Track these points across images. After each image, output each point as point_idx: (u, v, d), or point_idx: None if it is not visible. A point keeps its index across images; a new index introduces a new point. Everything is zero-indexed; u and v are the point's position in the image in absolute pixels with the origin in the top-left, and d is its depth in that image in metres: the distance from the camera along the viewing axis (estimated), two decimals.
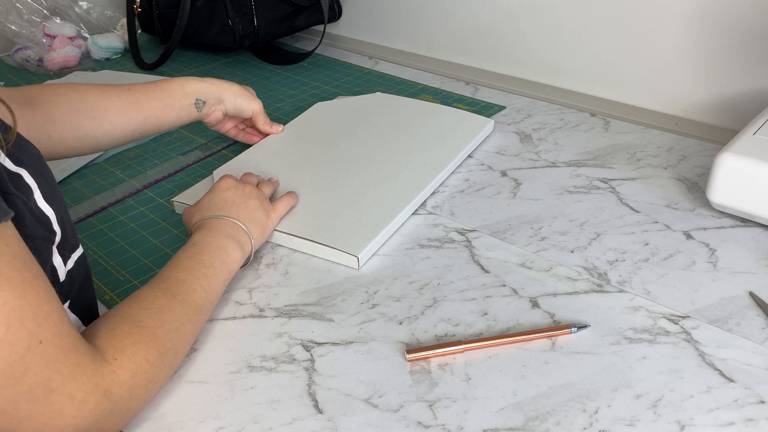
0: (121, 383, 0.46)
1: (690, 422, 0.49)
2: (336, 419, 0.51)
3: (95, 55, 1.29)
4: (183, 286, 0.56)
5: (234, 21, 1.20)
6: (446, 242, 0.71)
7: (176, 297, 0.55)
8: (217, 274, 0.60)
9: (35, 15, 1.29)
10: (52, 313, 0.41)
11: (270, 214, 0.69)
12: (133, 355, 0.48)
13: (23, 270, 0.38)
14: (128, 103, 0.76)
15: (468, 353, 0.56)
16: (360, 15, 1.32)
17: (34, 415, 0.40)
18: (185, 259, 0.59)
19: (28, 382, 0.39)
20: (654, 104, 0.98)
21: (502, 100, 1.03)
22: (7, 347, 0.37)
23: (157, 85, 0.80)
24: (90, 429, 0.44)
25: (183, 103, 0.81)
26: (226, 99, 0.85)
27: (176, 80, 0.81)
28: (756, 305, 0.60)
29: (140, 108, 0.77)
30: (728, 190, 0.69)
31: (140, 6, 1.28)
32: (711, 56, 0.90)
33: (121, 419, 0.47)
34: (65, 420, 0.42)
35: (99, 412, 0.44)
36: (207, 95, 0.83)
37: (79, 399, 0.42)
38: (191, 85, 0.82)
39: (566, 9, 1.01)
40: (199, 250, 0.60)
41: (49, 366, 0.40)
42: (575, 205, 0.76)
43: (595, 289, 0.63)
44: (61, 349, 0.41)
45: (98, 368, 0.44)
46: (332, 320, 0.61)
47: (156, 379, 0.50)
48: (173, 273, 0.57)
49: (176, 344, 0.53)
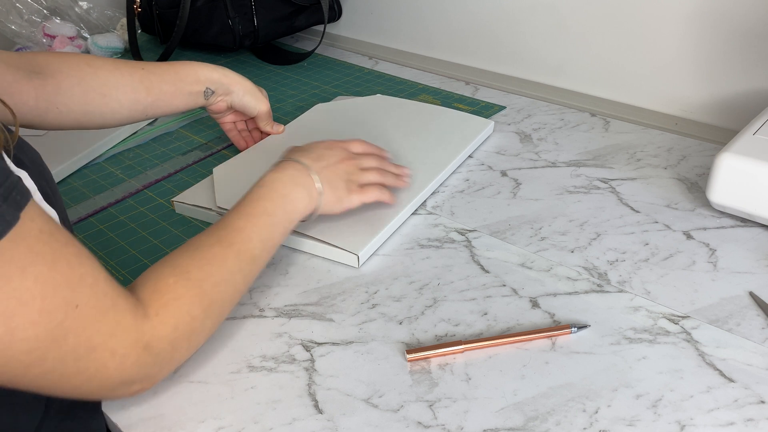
0: (163, 338, 0.47)
1: (690, 422, 0.49)
2: (336, 419, 0.51)
3: (95, 55, 1.29)
4: (240, 235, 0.56)
5: (234, 21, 1.20)
6: (446, 242, 0.71)
7: (231, 246, 0.54)
8: (278, 223, 0.59)
9: (35, 15, 1.29)
10: (85, 276, 0.42)
11: (353, 193, 0.67)
12: (175, 310, 0.48)
13: (51, 241, 0.40)
14: (139, 83, 0.76)
15: (468, 353, 0.56)
16: (360, 15, 1.32)
17: (81, 370, 0.42)
18: (248, 204, 0.59)
19: (70, 343, 0.41)
20: (654, 104, 0.98)
21: (502, 100, 1.03)
22: (45, 316, 0.39)
23: (171, 68, 0.79)
24: (134, 379, 0.46)
25: (194, 89, 0.80)
26: (234, 93, 0.84)
27: (190, 65, 0.81)
28: (756, 305, 0.60)
29: (151, 90, 0.77)
30: (728, 190, 0.69)
31: (140, 6, 1.28)
32: (711, 56, 0.90)
33: (165, 369, 0.49)
34: (109, 372, 0.44)
35: (141, 364, 0.46)
36: (217, 85, 0.82)
37: (120, 354, 0.44)
38: (205, 72, 0.81)
39: (566, 9, 1.01)
40: (263, 195, 0.60)
41: (88, 327, 0.42)
42: (575, 205, 0.76)
43: (595, 289, 0.63)
44: (99, 309, 0.42)
45: (138, 324, 0.45)
46: (332, 320, 0.61)
47: (199, 331, 0.51)
48: (234, 220, 0.57)
49: (224, 296, 0.53)
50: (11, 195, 0.37)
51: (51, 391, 0.43)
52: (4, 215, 0.36)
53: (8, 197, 0.36)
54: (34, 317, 0.38)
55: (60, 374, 0.42)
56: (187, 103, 0.81)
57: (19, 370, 0.40)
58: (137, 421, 0.52)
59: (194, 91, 0.80)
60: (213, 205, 0.75)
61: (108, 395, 0.47)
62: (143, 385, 0.48)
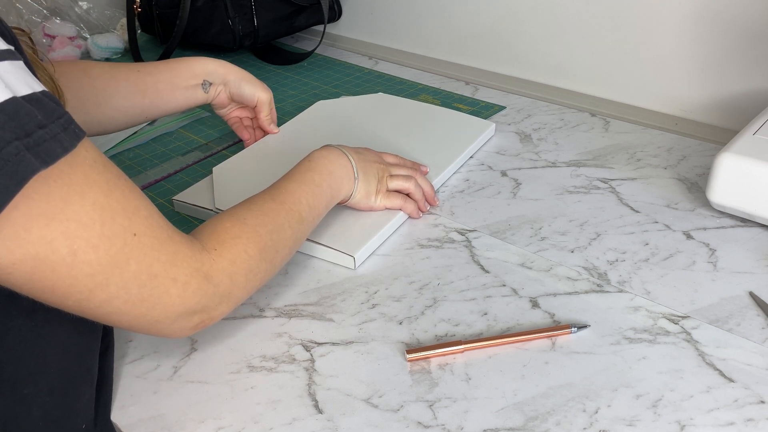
0: (221, 269, 0.49)
1: (690, 422, 0.49)
2: (336, 419, 0.51)
3: (95, 55, 1.29)
4: (291, 196, 0.60)
5: (234, 21, 1.20)
6: (446, 242, 0.71)
7: (284, 204, 0.58)
8: (323, 194, 0.63)
9: (35, 15, 1.29)
10: (140, 207, 0.44)
11: (380, 194, 0.71)
12: (232, 246, 0.51)
13: (105, 171, 0.41)
14: (135, 87, 0.76)
15: (468, 353, 0.56)
16: (360, 15, 1.32)
17: (144, 297, 0.44)
18: (298, 173, 0.63)
19: (132, 269, 0.42)
20: (654, 104, 0.98)
21: (502, 100, 1.03)
22: (106, 242, 0.41)
23: (167, 65, 0.80)
24: (196, 309, 0.48)
25: (190, 83, 0.80)
26: (230, 81, 0.84)
27: (186, 60, 0.81)
28: (756, 305, 0.60)
29: (146, 92, 0.77)
30: (728, 190, 0.69)
31: (140, 6, 1.28)
32: (711, 56, 0.90)
33: (225, 303, 0.50)
34: (172, 299, 0.46)
35: (202, 293, 0.47)
36: (213, 76, 0.82)
37: (182, 281, 0.46)
38: (200, 65, 0.81)
39: (566, 9, 1.01)
40: (312, 167, 0.64)
41: (148, 254, 0.43)
42: (575, 205, 0.76)
43: (595, 289, 0.63)
44: (156, 239, 0.44)
45: (197, 254, 0.48)
46: (332, 320, 0.61)
47: (256, 271, 0.53)
48: (285, 183, 0.61)
49: (277, 244, 0.56)
50: (70, 127, 0.39)
51: (116, 319, 0.45)
52: (62, 141, 0.38)
53: (67, 128, 0.38)
54: (95, 241, 0.40)
55: (124, 300, 0.43)
56: (187, 99, 0.81)
57: (84, 294, 0.41)
58: (137, 421, 0.52)
59: (191, 85, 0.81)
60: (212, 206, 0.75)
61: (170, 327, 0.48)
62: (202, 318, 0.49)
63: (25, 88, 0.37)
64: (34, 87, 0.37)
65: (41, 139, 0.36)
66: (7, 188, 0.35)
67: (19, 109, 0.35)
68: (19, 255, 0.37)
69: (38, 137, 0.36)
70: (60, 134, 0.38)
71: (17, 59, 0.37)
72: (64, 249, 0.39)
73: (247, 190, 0.76)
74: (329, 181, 0.65)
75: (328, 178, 0.65)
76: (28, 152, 0.35)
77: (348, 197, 0.69)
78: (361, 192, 0.69)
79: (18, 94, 0.36)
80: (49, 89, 0.39)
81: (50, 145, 0.37)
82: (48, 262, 0.39)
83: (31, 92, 0.37)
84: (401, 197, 0.73)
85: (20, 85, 0.36)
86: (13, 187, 0.35)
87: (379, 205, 0.72)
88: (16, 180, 0.35)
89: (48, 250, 0.38)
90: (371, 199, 0.71)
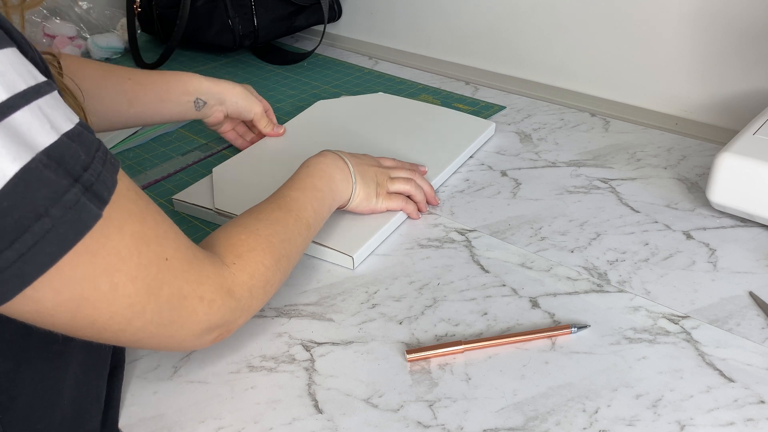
0: (242, 284, 0.50)
1: (690, 422, 0.49)
2: (336, 419, 0.51)
3: (95, 55, 1.29)
4: (296, 204, 0.61)
5: (234, 21, 1.20)
6: (446, 242, 0.71)
7: (290, 212, 0.59)
8: (326, 198, 0.64)
9: (35, 15, 1.29)
10: (168, 231, 0.44)
11: (380, 197, 0.71)
12: (250, 259, 0.52)
13: (138, 199, 0.41)
14: (122, 95, 0.76)
15: (468, 353, 0.56)
16: (360, 15, 1.32)
17: (174, 318, 0.45)
18: (299, 180, 0.64)
19: (164, 294, 0.43)
20: (654, 104, 0.98)
21: (502, 100, 1.03)
22: (143, 271, 0.41)
23: (162, 78, 0.80)
24: (220, 323, 0.48)
25: (182, 99, 0.80)
26: (227, 100, 0.84)
27: (181, 75, 0.81)
28: (756, 305, 0.60)
29: (133, 102, 0.77)
30: (728, 190, 0.69)
31: (140, 6, 1.28)
32: (711, 56, 0.90)
33: (244, 315, 0.52)
34: (199, 317, 0.46)
35: (226, 308, 0.48)
36: (208, 95, 0.82)
37: (208, 299, 0.47)
38: (194, 83, 0.81)
39: (566, 9, 1.01)
40: (312, 173, 0.65)
41: (179, 277, 0.44)
42: (575, 205, 0.76)
43: (595, 289, 0.63)
44: (185, 260, 0.45)
45: (220, 271, 0.48)
46: (332, 320, 0.61)
47: (272, 281, 0.54)
48: (288, 191, 0.62)
49: (289, 253, 0.57)
50: (107, 158, 0.39)
51: (146, 343, 0.45)
52: (106, 180, 0.38)
53: (105, 161, 0.38)
54: (133, 272, 0.40)
55: (157, 325, 0.44)
56: (178, 113, 0.81)
57: (122, 325, 0.42)
58: (137, 421, 0.52)
59: (182, 101, 0.81)
60: (212, 206, 0.75)
61: (193, 343, 0.49)
62: (222, 332, 0.50)
63: (67, 123, 0.36)
64: (72, 119, 0.37)
65: (89, 181, 0.36)
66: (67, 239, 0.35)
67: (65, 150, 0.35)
68: (65, 295, 0.37)
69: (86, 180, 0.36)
70: (103, 172, 0.37)
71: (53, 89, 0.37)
72: (105, 285, 0.39)
73: (247, 190, 0.76)
74: (330, 185, 0.65)
75: (328, 183, 0.65)
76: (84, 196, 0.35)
77: (347, 201, 0.69)
78: (360, 195, 0.69)
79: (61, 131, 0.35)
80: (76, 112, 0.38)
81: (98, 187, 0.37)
82: (91, 300, 0.39)
83: (71, 126, 0.36)
84: (402, 198, 0.73)
85: (61, 120, 0.36)
86: (73, 237, 0.35)
87: (380, 207, 0.72)
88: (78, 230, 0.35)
89: (91, 288, 0.38)
90: (372, 201, 0.71)
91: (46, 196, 0.34)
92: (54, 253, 0.35)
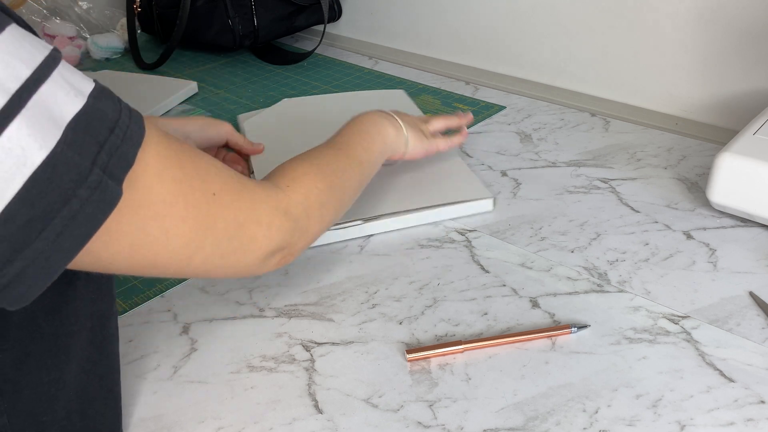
0: (297, 204, 0.52)
1: (690, 422, 0.49)
2: (336, 419, 0.51)
3: (95, 55, 1.30)
4: (346, 144, 0.63)
5: (234, 21, 1.20)
6: (446, 242, 0.71)
7: (341, 150, 0.62)
8: (375, 140, 0.67)
9: (35, 15, 1.29)
10: (210, 167, 0.45)
11: (429, 135, 0.75)
12: (303, 182, 0.54)
13: (170, 144, 0.42)
14: None
15: (468, 353, 0.56)
16: (360, 15, 1.32)
17: (235, 246, 0.46)
18: (346, 127, 0.67)
19: (220, 227, 0.44)
20: (654, 104, 0.98)
21: (502, 100, 1.03)
22: (192, 210, 0.42)
23: None
24: (280, 245, 0.50)
25: None
26: (191, 132, 0.77)
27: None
28: (756, 305, 0.60)
29: None
30: (728, 190, 0.69)
31: (140, 6, 1.28)
32: (711, 56, 0.90)
33: (304, 237, 0.53)
34: (259, 242, 0.48)
35: (284, 229, 0.50)
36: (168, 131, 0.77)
37: (265, 222, 0.48)
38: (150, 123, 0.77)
39: (566, 9, 1.01)
40: (358, 121, 0.68)
41: (230, 207, 0.45)
42: (575, 205, 0.76)
43: (595, 289, 0.63)
44: (233, 190, 0.46)
45: (273, 194, 0.50)
46: (332, 320, 0.61)
47: (327, 204, 0.55)
48: (336, 136, 0.65)
49: (343, 183, 0.59)
50: (132, 112, 0.39)
51: (214, 273, 0.47)
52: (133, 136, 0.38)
53: (131, 115, 0.38)
54: (182, 213, 0.41)
55: (220, 255, 0.45)
56: None
57: (184, 262, 0.43)
58: (137, 421, 0.52)
59: None
60: None
61: (259, 268, 0.50)
62: (284, 255, 0.51)
63: (88, 84, 0.36)
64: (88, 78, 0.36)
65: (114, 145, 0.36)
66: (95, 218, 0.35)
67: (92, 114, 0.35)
68: (116, 247, 0.38)
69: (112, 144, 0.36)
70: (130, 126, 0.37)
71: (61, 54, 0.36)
72: (156, 231, 0.40)
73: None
74: (377, 129, 0.68)
75: (375, 126, 0.68)
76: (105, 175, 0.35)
77: (403, 146, 0.72)
78: (412, 138, 0.72)
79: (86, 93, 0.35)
80: None
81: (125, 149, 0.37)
82: (145, 245, 0.40)
83: (93, 86, 0.36)
84: (443, 139, 0.78)
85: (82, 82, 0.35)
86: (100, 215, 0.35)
87: (433, 146, 0.75)
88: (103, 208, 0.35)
89: (142, 236, 0.39)
90: (424, 141, 0.74)
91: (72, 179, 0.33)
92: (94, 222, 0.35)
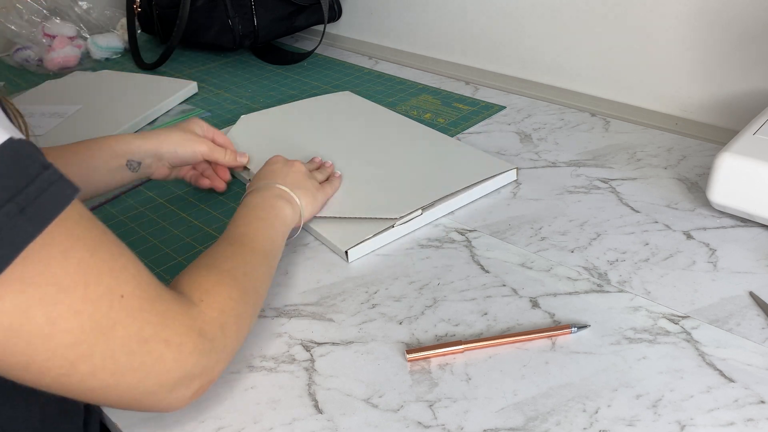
0: (212, 321, 0.46)
1: (690, 422, 0.49)
2: (336, 419, 0.51)
3: (95, 55, 1.30)
4: (246, 237, 0.59)
5: (234, 21, 1.20)
6: (446, 242, 0.71)
7: (244, 245, 0.57)
8: (274, 225, 0.63)
9: (35, 15, 1.29)
10: (127, 265, 0.40)
11: (318, 189, 0.71)
12: (217, 294, 0.49)
13: (92, 228, 0.38)
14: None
15: (468, 353, 0.56)
16: (360, 15, 1.32)
17: (135, 365, 0.40)
18: (241, 217, 0.62)
19: (119, 335, 0.39)
20: (654, 104, 0.98)
21: (502, 100, 1.03)
22: (90, 305, 0.37)
23: (86, 146, 0.71)
24: (194, 370, 0.44)
25: (111, 165, 0.71)
26: (164, 153, 0.75)
27: (107, 139, 0.72)
28: (756, 305, 0.60)
29: None
30: (728, 190, 0.69)
31: (140, 6, 1.28)
32: (711, 56, 0.90)
33: (222, 358, 0.47)
34: (168, 365, 0.42)
35: (199, 351, 0.44)
36: (140, 154, 0.73)
37: (176, 342, 0.42)
38: (121, 144, 0.72)
39: (566, 9, 1.01)
40: (253, 207, 0.63)
41: (137, 317, 0.40)
42: (575, 205, 0.76)
43: (595, 289, 0.63)
44: (145, 299, 0.41)
45: (187, 310, 0.44)
46: (332, 320, 0.61)
47: (244, 315, 0.51)
48: (234, 229, 0.60)
49: (255, 285, 0.54)
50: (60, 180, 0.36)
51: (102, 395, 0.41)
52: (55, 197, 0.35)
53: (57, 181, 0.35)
54: (78, 306, 0.36)
55: (111, 372, 0.39)
56: (112, 179, 0.72)
57: (65, 369, 0.37)
58: (137, 421, 0.52)
59: (113, 166, 0.72)
60: None
61: (167, 398, 0.44)
62: (202, 381, 0.46)
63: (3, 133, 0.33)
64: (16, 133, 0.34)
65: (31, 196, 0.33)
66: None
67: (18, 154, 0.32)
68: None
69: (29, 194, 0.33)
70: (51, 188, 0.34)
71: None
72: (41, 317, 0.35)
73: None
74: (274, 213, 0.64)
75: (271, 210, 0.64)
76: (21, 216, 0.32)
77: (299, 218, 0.67)
78: (307, 202, 0.68)
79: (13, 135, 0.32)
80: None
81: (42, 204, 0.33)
82: (22, 334, 0.35)
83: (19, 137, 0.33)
84: (332, 182, 0.76)
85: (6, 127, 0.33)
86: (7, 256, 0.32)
87: (324, 201, 0.72)
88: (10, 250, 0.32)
89: (22, 320, 0.34)
90: (318, 198, 0.71)
91: None
92: None
